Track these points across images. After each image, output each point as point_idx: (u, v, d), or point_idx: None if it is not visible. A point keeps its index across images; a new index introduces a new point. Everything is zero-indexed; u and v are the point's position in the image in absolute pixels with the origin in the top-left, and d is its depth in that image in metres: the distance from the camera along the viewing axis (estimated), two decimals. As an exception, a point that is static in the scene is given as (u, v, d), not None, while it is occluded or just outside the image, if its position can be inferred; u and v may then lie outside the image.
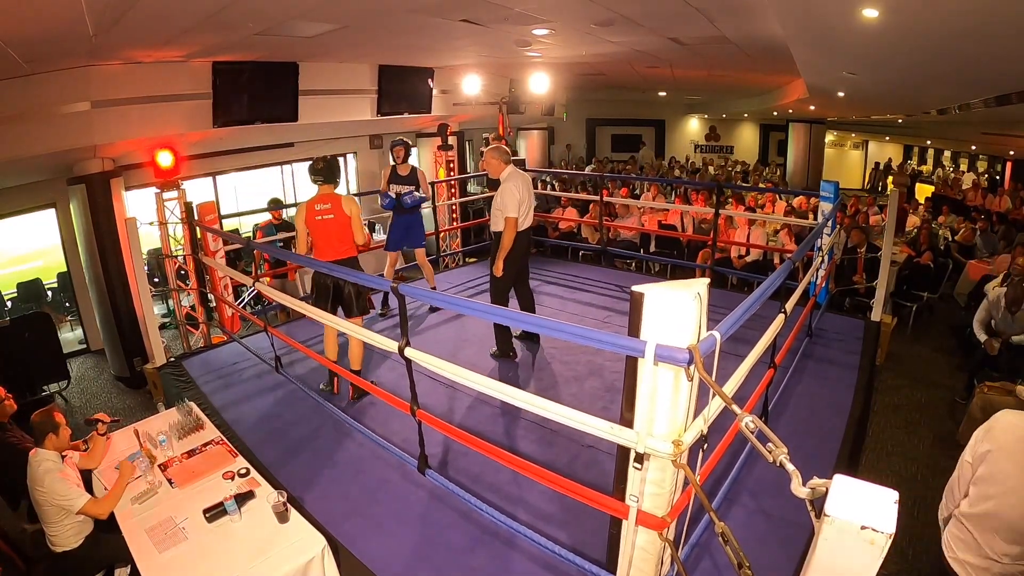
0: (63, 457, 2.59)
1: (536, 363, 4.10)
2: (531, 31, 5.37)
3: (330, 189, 3.52)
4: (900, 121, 12.03)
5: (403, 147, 4.84)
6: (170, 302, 6.51)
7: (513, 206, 3.75)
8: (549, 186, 10.34)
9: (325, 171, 3.51)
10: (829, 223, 4.57)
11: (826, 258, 4.67)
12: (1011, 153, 11.65)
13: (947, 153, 15.71)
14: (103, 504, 2.54)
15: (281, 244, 6.03)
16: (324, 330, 3.67)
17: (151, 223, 5.23)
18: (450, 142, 8.27)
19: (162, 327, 6.21)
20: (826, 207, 4.96)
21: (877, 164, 17.28)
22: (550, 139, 13.35)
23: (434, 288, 3.99)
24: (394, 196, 4.79)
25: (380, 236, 8.03)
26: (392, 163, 4.91)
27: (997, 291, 4.51)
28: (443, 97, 8.07)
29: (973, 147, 13.70)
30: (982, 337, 4.42)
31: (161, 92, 5.29)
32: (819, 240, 4.33)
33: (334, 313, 3.51)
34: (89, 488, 2.73)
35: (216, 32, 4.39)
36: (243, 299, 6.73)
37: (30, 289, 7.51)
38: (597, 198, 6.23)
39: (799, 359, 3.91)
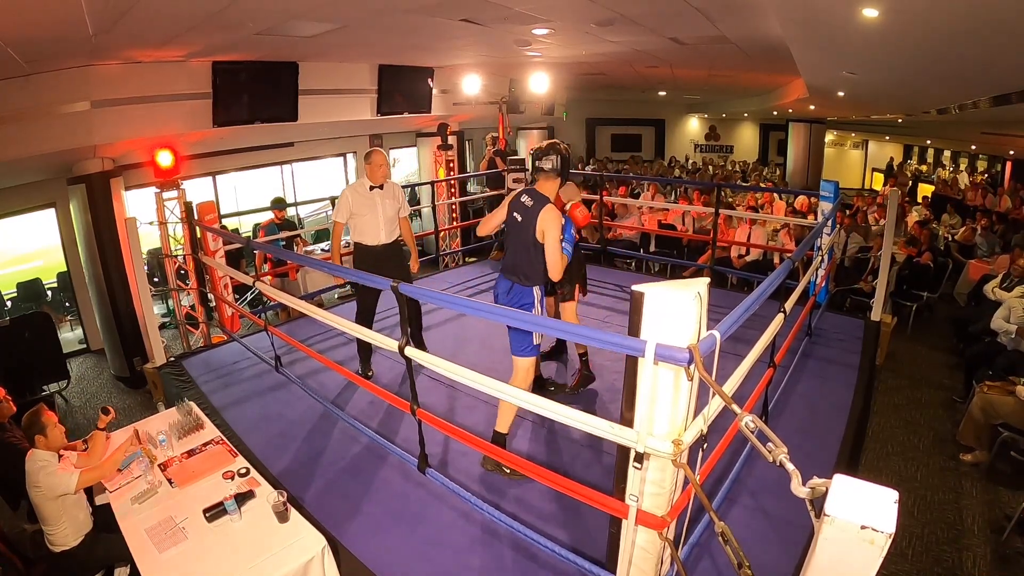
0: (60, 457, 2.59)
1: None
2: (531, 31, 5.37)
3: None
4: (900, 121, 12.03)
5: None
6: (170, 302, 6.51)
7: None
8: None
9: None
10: (829, 223, 4.57)
11: (826, 258, 4.67)
12: (1011, 153, 11.64)
13: (947, 153, 15.70)
14: (101, 468, 2.57)
15: (283, 244, 6.03)
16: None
17: (151, 223, 5.23)
18: (450, 142, 8.28)
19: (162, 327, 6.21)
20: (826, 207, 4.96)
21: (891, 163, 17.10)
22: (550, 139, 13.38)
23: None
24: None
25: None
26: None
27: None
28: (443, 97, 8.07)
29: (973, 147, 13.70)
30: (1010, 328, 4.43)
31: (161, 92, 5.29)
32: (819, 240, 4.33)
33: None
34: (90, 488, 2.73)
35: (216, 32, 4.38)
36: (245, 299, 6.73)
37: (30, 289, 7.51)
38: (597, 198, 6.23)
39: (799, 359, 3.91)
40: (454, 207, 8.32)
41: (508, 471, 2.81)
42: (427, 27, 5.04)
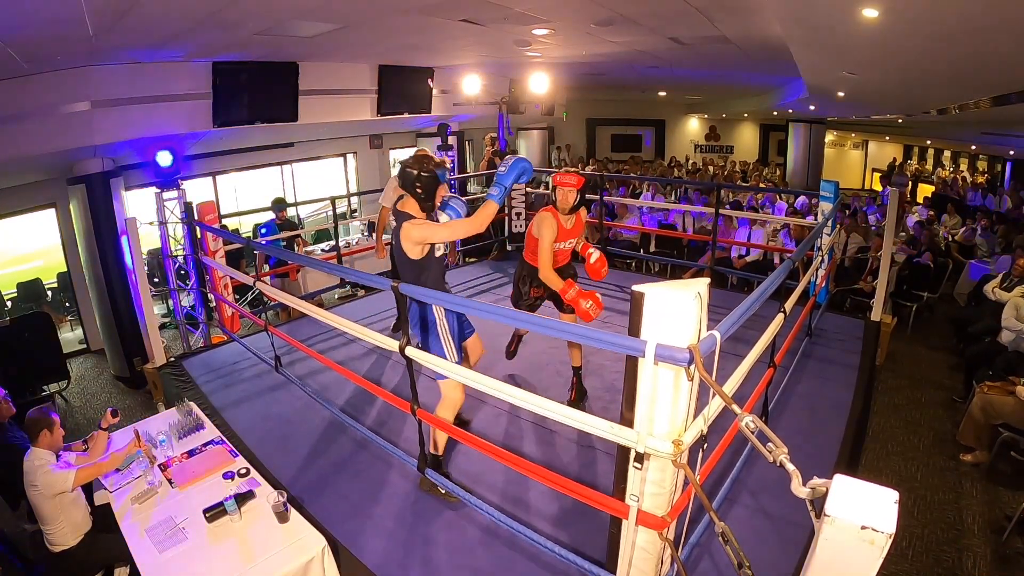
0: (58, 456, 2.59)
1: (536, 363, 4.10)
2: (531, 31, 5.37)
3: None
4: (900, 121, 12.02)
5: None
6: (170, 302, 6.51)
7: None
8: (544, 185, 10.34)
9: None
10: (829, 223, 4.57)
11: (826, 258, 4.67)
12: (1011, 153, 11.63)
13: (947, 153, 15.69)
14: (99, 466, 2.59)
15: (284, 244, 6.02)
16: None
17: (151, 223, 5.23)
18: (450, 142, 8.26)
19: (162, 327, 6.21)
20: (826, 207, 4.96)
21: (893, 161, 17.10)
22: (550, 139, 13.34)
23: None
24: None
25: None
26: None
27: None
28: (443, 97, 8.06)
29: (973, 147, 13.69)
30: (1023, 327, 4.41)
31: (161, 92, 5.29)
32: (819, 240, 4.33)
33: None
34: (89, 488, 2.73)
35: (216, 32, 4.38)
36: (245, 299, 6.73)
37: (30, 289, 7.50)
38: (597, 198, 6.23)
39: (799, 359, 3.91)
40: (454, 207, 8.30)
41: (443, 492, 2.71)
42: (427, 27, 5.04)
